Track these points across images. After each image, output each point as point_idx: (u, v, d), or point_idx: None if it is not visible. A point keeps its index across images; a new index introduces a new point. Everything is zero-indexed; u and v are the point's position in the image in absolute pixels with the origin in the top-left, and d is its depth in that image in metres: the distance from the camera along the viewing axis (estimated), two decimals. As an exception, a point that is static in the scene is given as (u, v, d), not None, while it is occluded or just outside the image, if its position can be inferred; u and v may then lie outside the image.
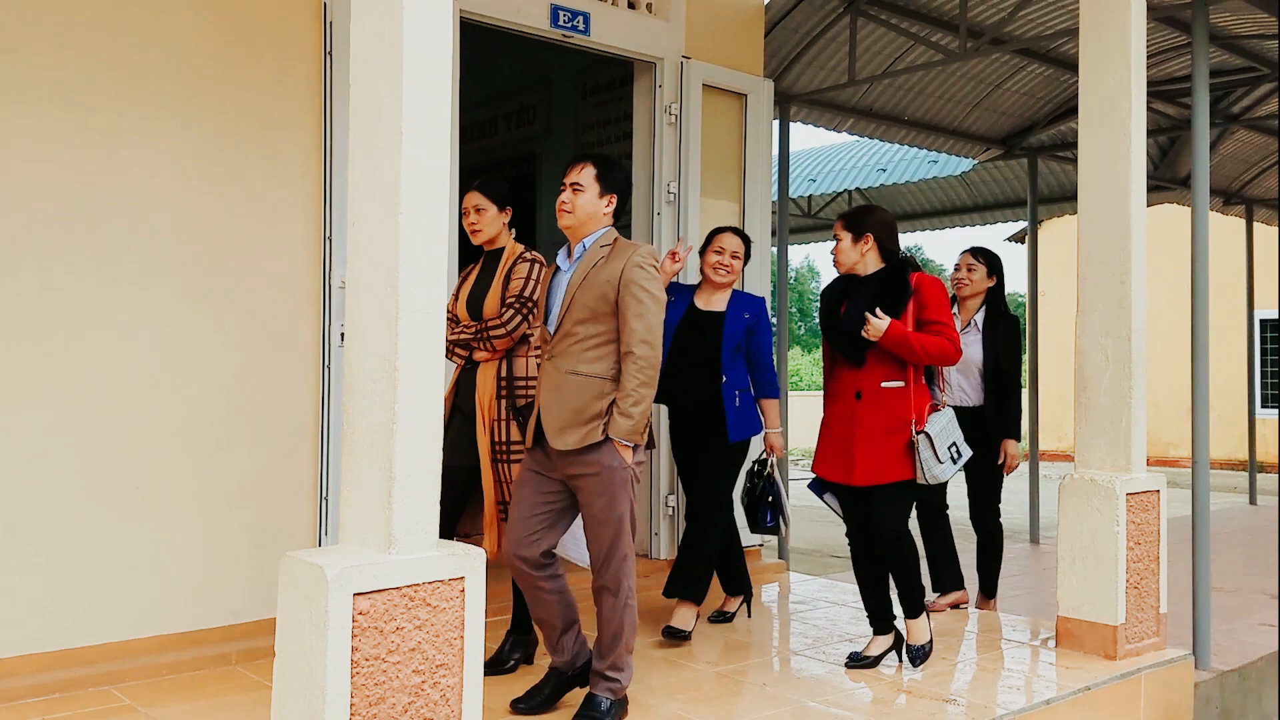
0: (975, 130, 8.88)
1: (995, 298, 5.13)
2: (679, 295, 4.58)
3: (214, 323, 4.08)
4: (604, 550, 3.38)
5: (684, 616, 4.48)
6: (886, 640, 4.16)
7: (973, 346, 5.02)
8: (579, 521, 3.52)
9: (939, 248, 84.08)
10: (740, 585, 4.89)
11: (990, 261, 5.14)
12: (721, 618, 4.86)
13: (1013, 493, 6.87)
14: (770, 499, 4.52)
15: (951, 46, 6.65)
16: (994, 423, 5.01)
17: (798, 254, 45.85)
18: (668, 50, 5.62)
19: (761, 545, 6.05)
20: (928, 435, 3.89)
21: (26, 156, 3.70)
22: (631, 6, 5.55)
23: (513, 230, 4.01)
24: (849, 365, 4.01)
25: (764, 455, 4.66)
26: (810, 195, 12.39)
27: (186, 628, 3.98)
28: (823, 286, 4.75)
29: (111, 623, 3.85)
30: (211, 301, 4.08)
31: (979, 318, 5.09)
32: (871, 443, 3.93)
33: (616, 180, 3.45)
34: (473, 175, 4.00)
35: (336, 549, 2.55)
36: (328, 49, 4.29)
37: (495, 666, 3.94)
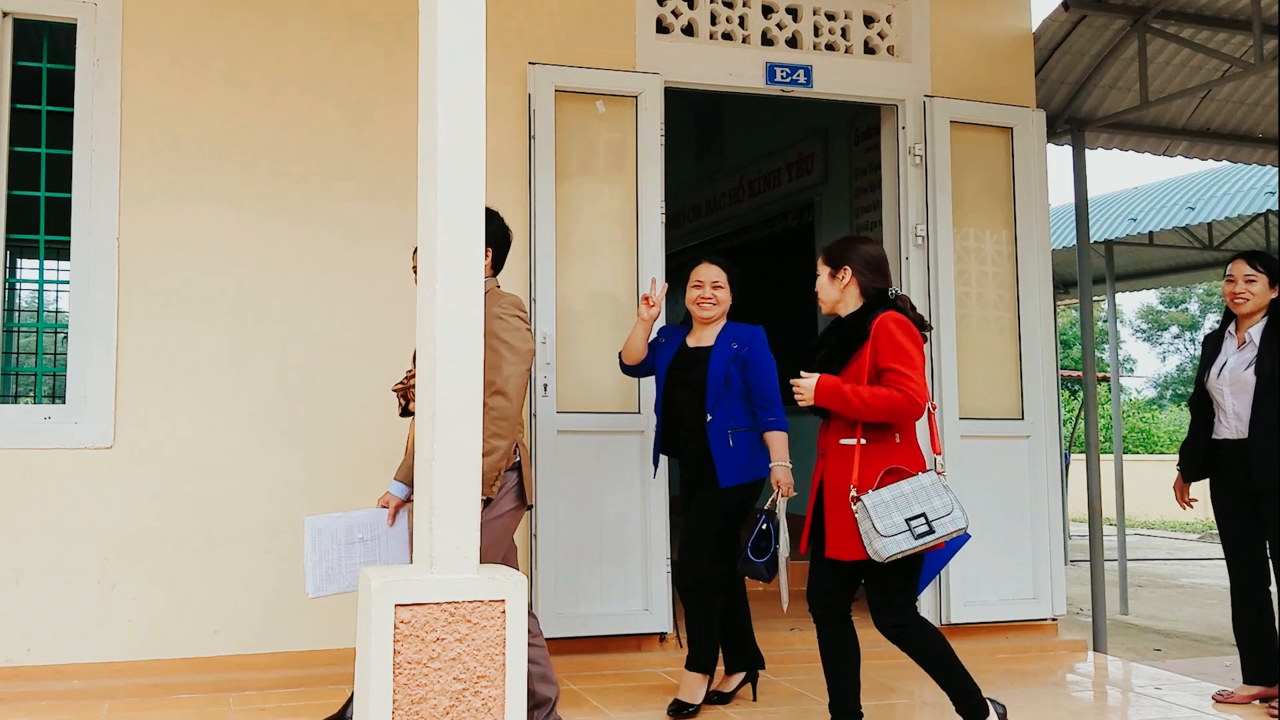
0: (1369, 141, 7.55)
1: (1279, 310, 4.48)
2: (671, 338, 4.34)
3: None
4: None
5: (689, 688, 4.21)
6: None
7: (1249, 367, 4.42)
8: (340, 561, 3.68)
9: None
10: (744, 660, 4.35)
11: (1271, 269, 4.50)
12: (717, 698, 4.32)
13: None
14: (763, 542, 3.98)
15: (1243, 55, 5.83)
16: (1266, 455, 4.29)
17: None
18: (908, 91, 5.57)
19: (1054, 620, 5.53)
20: (864, 504, 3.36)
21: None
22: (870, 51, 5.57)
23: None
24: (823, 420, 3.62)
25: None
26: (1210, 223, 11.03)
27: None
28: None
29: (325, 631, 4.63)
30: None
31: (1254, 332, 4.47)
32: (830, 509, 3.50)
33: (489, 233, 3.52)
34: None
35: (395, 568, 2.99)
36: (531, 133, 4.84)
37: None
